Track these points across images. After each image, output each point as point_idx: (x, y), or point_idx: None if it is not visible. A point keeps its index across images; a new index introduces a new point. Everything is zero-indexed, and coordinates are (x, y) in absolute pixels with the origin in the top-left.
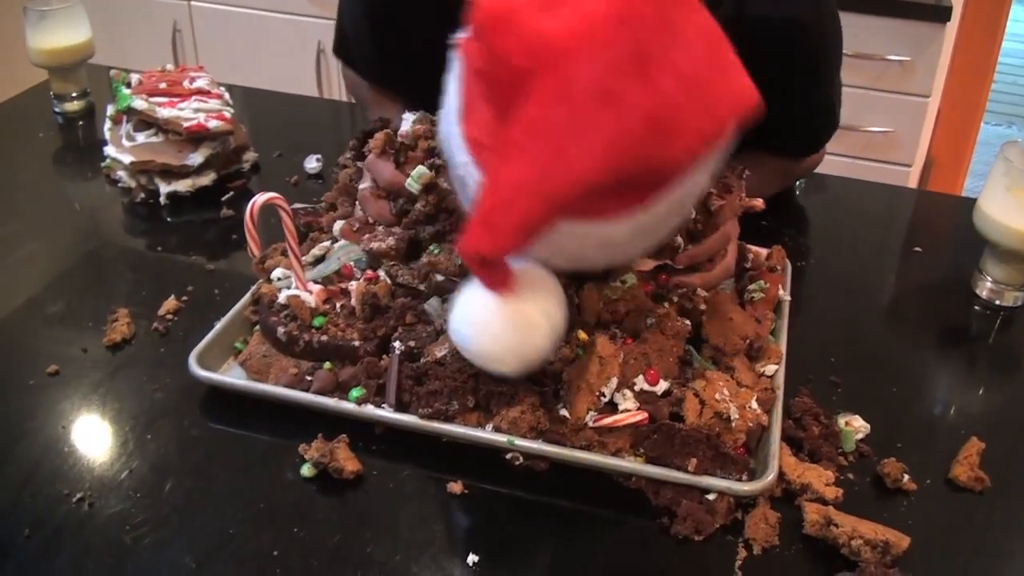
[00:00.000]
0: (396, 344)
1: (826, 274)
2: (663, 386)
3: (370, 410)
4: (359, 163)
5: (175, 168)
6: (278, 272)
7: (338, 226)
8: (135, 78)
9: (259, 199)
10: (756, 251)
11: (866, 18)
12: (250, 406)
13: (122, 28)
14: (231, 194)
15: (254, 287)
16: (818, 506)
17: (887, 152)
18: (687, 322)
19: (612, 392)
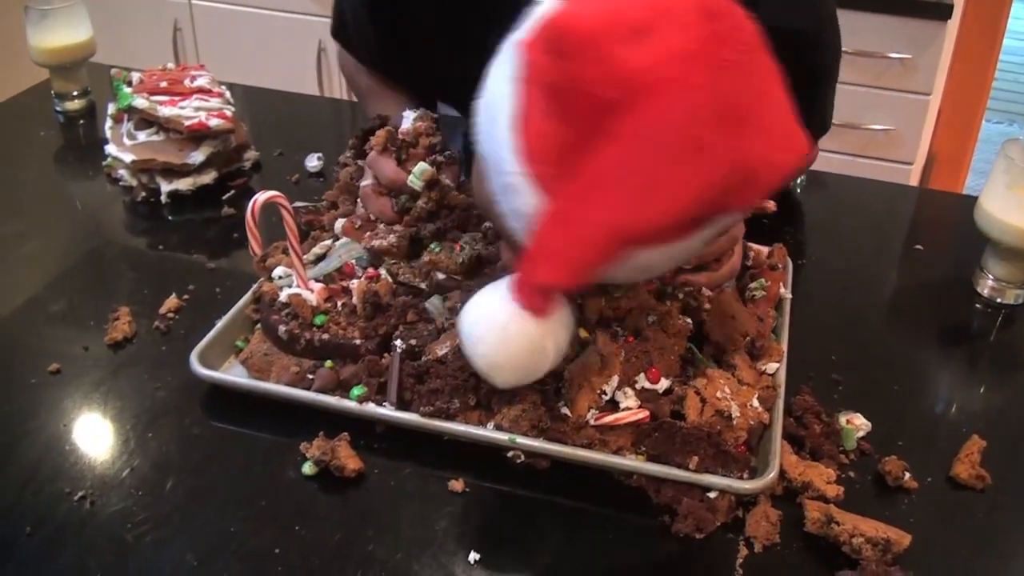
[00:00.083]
0: (397, 342)
1: (827, 272)
2: (664, 384)
3: (371, 408)
4: (359, 161)
5: (176, 167)
6: (279, 270)
7: (339, 224)
8: (136, 77)
9: (260, 197)
10: (757, 249)
11: (867, 16)
12: (251, 404)
13: (123, 27)
14: (232, 192)
15: (255, 285)
16: (819, 504)
17: (888, 150)
18: (688, 320)
19: (613, 390)
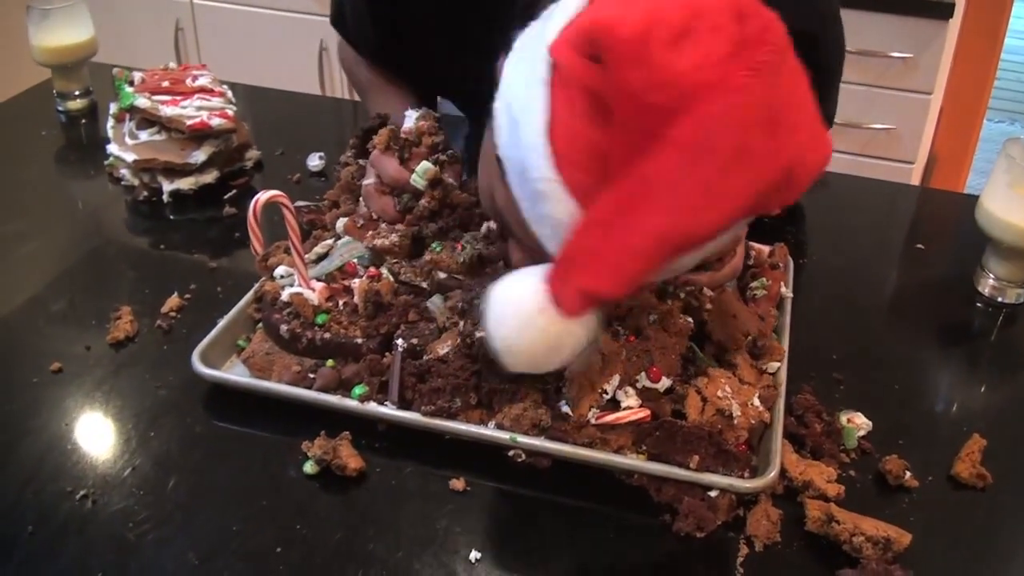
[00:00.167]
0: (399, 341)
1: (828, 271)
2: (665, 383)
3: (373, 407)
4: (361, 160)
5: (178, 166)
6: (281, 270)
7: (341, 223)
8: (138, 76)
9: (262, 197)
10: (759, 248)
11: (868, 15)
12: (253, 403)
13: (125, 26)
14: (234, 192)
15: (257, 285)
16: (820, 503)
17: (889, 149)
18: (690, 319)
19: (614, 389)
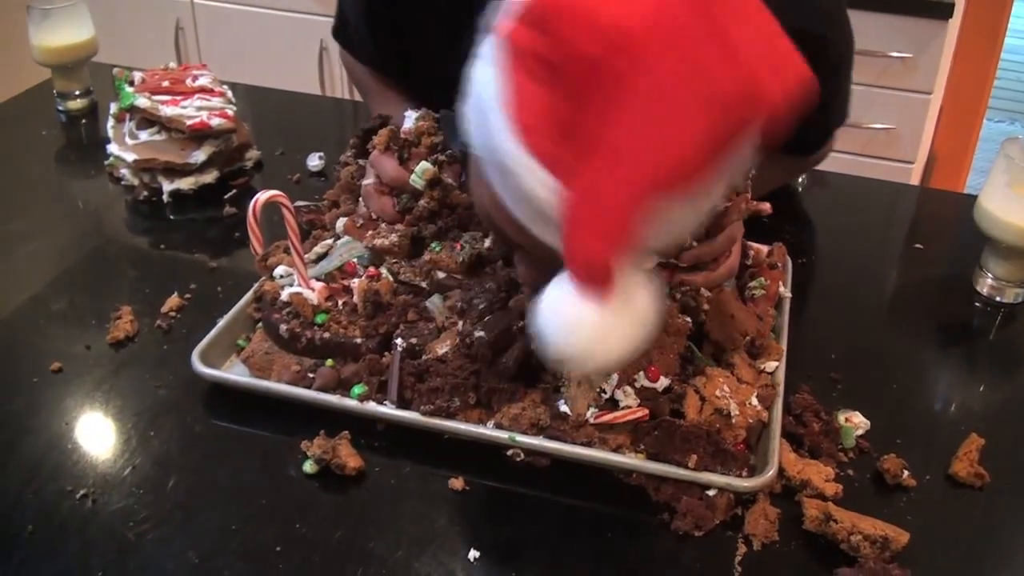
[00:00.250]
0: (398, 341)
1: (827, 271)
2: (664, 382)
3: (372, 407)
4: (361, 160)
5: (178, 166)
6: (280, 269)
7: (341, 223)
8: (138, 76)
9: (261, 197)
10: (757, 248)
11: (868, 15)
12: (252, 403)
13: (125, 26)
14: (234, 192)
15: (256, 284)
16: (818, 502)
17: (889, 149)
18: (688, 319)
19: (613, 388)
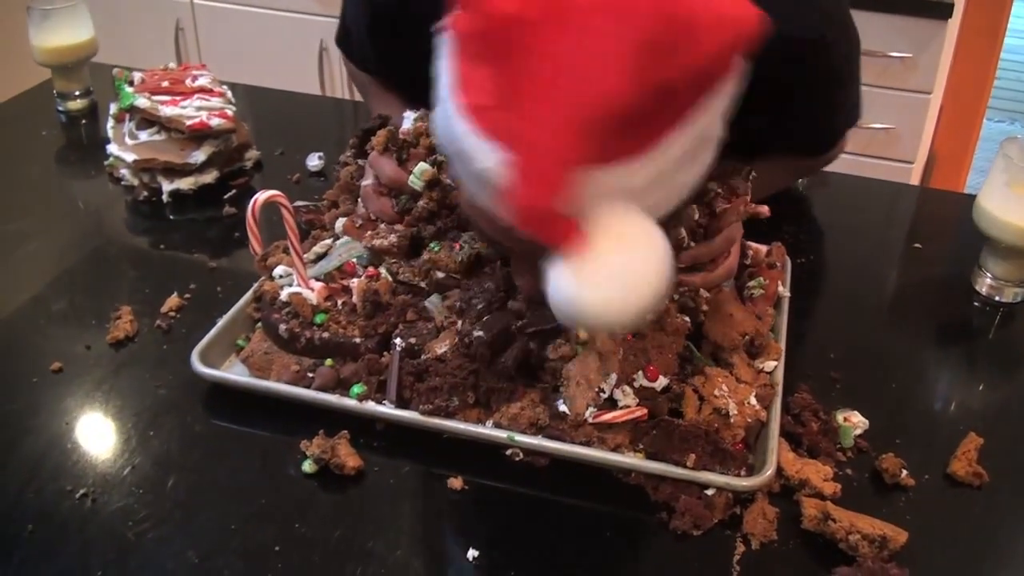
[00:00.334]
0: (397, 341)
1: (826, 270)
2: (662, 382)
3: (371, 407)
4: (360, 161)
5: (178, 166)
6: (280, 269)
7: (340, 223)
8: (138, 76)
9: (261, 197)
10: (756, 247)
11: (868, 15)
12: (252, 403)
13: (125, 27)
14: (233, 192)
15: (256, 284)
16: (816, 501)
17: (889, 149)
18: (687, 319)
19: (612, 388)
